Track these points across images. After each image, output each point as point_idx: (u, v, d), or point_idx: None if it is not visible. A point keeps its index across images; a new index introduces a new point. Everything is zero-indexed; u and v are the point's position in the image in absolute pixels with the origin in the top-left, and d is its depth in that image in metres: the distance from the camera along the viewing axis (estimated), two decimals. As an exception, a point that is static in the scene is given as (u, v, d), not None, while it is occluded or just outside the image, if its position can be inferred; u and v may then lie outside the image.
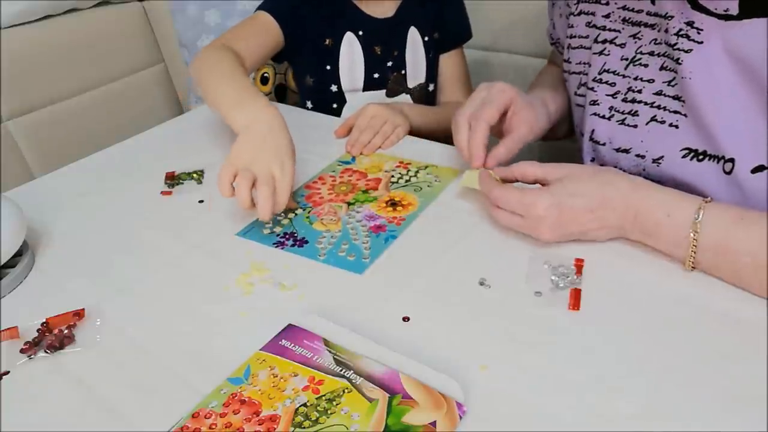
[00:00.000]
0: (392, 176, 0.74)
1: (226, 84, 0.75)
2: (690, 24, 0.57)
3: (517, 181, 0.62)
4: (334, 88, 0.98)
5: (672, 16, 0.59)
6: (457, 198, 0.69)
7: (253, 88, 0.75)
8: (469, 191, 0.67)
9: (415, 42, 0.99)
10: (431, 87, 1.03)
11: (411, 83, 1.01)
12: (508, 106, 0.69)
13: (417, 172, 0.75)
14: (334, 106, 1.00)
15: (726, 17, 0.54)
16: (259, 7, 0.93)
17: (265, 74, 1.23)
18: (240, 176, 0.62)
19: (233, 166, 0.63)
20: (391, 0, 0.96)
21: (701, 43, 0.57)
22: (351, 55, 0.96)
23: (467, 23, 1.04)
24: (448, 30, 1.02)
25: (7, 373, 0.49)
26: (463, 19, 1.04)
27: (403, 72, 0.99)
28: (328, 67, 0.97)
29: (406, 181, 0.73)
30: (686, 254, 0.52)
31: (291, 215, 0.67)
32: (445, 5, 1.00)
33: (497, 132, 0.71)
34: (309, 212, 0.68)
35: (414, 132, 0.88)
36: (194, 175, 0.78)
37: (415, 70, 1.00)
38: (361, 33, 0.96)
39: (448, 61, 1.04)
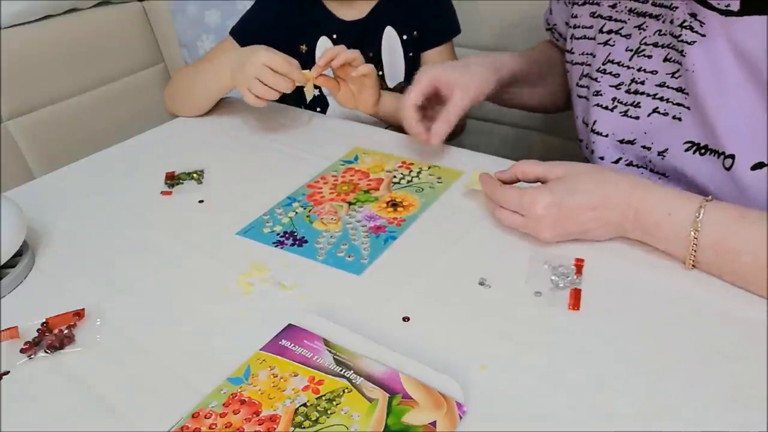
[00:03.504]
0: (394, 176, 0.74)
1: (201, 74, 0.92)
2: (694, 16, 0.57)
3: (519, 180, 0.62)
4: (316, 92, 1.00)
5: (677, 7, 0.58)
6: (458, 198, 0.69)
7: (212, 58, 0.95)
8: (472, 192, 0.67)
9: (391, 41, 0.99)
10: None
11: (390, 83, 1.01)
12: (433, 83, 0.74)
13: (419, 172, 0.75)
14: (318, 109, 1.01)
15: (727, 12, 0.54)
16: (230, 30, 1.00)
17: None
18: (253, 91, 0.82)
19: (247, 91, 0.82)
20: (365, 1, 0.97)
21: (704, 36, 0.56)
22: None
23: (452, 20, 1.02)
24: (429, 28, 1.01)
25: (7, 373, 0.49)
26: (445, 17, 1.02)
27: (380, 73, 0.99)
28: None
29: (408, 181, 0.73)
30: (686, 253, 0.52)
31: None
32: (423, 3, 0.99)
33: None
34: (309, 211, 0.68)
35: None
36: (194, 175, 0.78)
37: (393, 70, 1.00)
38: (335, 36, 0.97)
39: (429, 57, 1.03)
